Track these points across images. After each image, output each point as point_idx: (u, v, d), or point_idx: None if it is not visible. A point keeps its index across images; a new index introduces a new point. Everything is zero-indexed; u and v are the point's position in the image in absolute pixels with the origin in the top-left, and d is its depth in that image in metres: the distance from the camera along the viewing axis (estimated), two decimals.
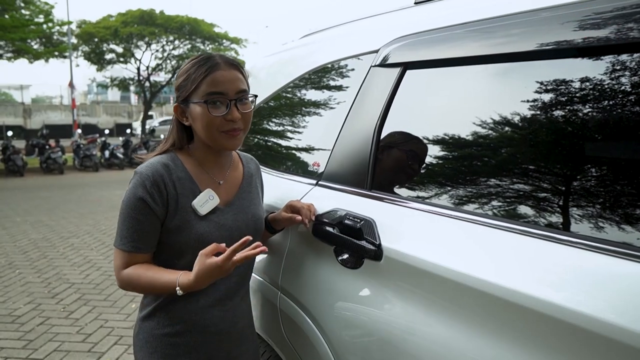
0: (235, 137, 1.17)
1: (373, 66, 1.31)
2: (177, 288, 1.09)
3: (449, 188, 1.05)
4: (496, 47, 1.00)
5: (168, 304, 1.20)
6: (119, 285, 1.19)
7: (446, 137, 1.08)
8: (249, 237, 1.07)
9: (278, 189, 1.54)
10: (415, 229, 1.06)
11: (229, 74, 1.15)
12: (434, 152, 1.10)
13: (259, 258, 1.51)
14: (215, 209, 1.20)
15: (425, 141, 1.14)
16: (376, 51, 1.32)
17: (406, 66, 1.21)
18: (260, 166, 1.44)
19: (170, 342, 1.20)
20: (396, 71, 1.22)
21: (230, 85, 1.15)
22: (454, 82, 1.12)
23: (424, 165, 1.13)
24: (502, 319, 0.84)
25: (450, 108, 1.12)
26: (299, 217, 1.24)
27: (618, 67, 0.81)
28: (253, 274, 1.49)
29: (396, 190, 1.19)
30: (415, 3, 1.33)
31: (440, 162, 1.09)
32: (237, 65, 1.19)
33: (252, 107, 1.21)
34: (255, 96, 1.23)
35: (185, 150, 1.24)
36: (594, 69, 0.84)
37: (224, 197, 1.24)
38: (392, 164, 1.23)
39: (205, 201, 1.19)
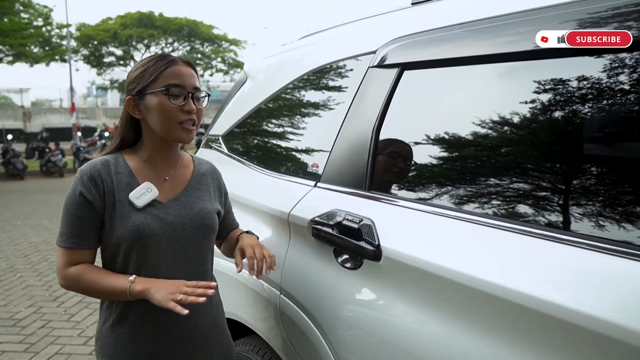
0: (190, 131, 1.20)
1: (371, 67, 1.31)
2: (129, 296, 1.12)
3: (447, 188, 1.05)
4: (493, 47, 1.01)
5: (126, 313, 1.20)
6: (61, 284, 1.19)
7: (444, 137, 1.08)
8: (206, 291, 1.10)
9: (277, 191, 1.55)
10: (414, 229, 1.06)
11: (186, 70, 1.21)
12: (432, 152, 1.11)
13: None
14: (156, 203, 1.20)
15: (423, 141, 1.14)
16: (374, 52, 1.32)
17: (404, 67, 1.21)
18: (260, 167, 1.44)
19: (127, 352, 1.20)
20: (394, 72, 1.23)
21: (187, 80, 1.19)
22: (451, 82, 1.13)
23: (422, 165, 1.13)
24: (502, 319, 0.84)
25: (448, 108, 1.13)
26: (240, 268, 1.26)
27: (617, 66, 0.82)
28: (254, 275, 1.49)
29: (395, 190, 1.19)
30: (413, 4, 1.33)
31: (438, 162, 1.09)
32: (192, 65, 1.24)
33: (205, 105, 1.26)
34: (209, 95, 1.27)
35: (131, 150, 1.27)
36: (595, 68, 0.84)
37: (169, 193, 1.25)
38: (390, 165, 1.23)
39: (142, 193, 1.19)
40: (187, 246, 1.23)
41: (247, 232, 1.43)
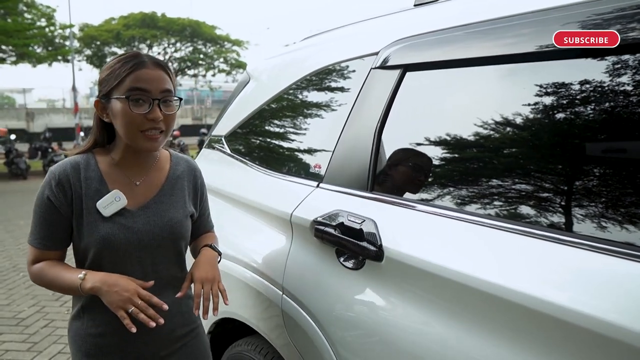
0: (154, 140, 1.14)
1: (373, 68, 1.32)
2: (80, 291, 1.11)
3: (449, 189, 1.06)
4: (496, 49, 1.01)
5: (92, 305, 1.20)
6: (31, 278, 1.21)
7: (446, 139, 1.09)
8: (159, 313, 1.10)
9: (280, 191, 1.55)
10: (415, 230, 1.07)
11: (155, 73, 1.13)
12: (434, 153, 1.11)
13: (260, 258, 1.52)
14: (124, 211, 1.17)
15: (425, 143, 1.14)
16: (376, 53, 1.32)
17: (406, 68, 1.22)
18: (262, 168, 1.43)
19: (94, 342, 1.21)
20: (396, 73, 1.23)
21: (154, 84, 1.12)
22: (453, 83, 1.13)
23: (425, 166, 1.14)
24: (503, 320, 0.84)
25: (450, 110, 1.13)
26: (180, 294, 1.21)
27: (619, 67, 0.82)
28: (255, 275, 1.50)
29: (397, 191, 1.20)
30: (415, 5, 1.34)
31: (440, 163, 1.10)
32: (163, 66, 1.17)
33: (177, 110, 1.18)
34: (181, 99, 1.20)
35: (105, 150, 1.23)
36: (597, 69, 0.85)
37: (139, 200, 1.21)
38: (392, 166, 1.23)
39: (110, 202, 1.16)
40: (156, 254, 1.22)
41: (210, 246, 1.33)
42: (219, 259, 1.32)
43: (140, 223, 1.19)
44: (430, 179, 1.13)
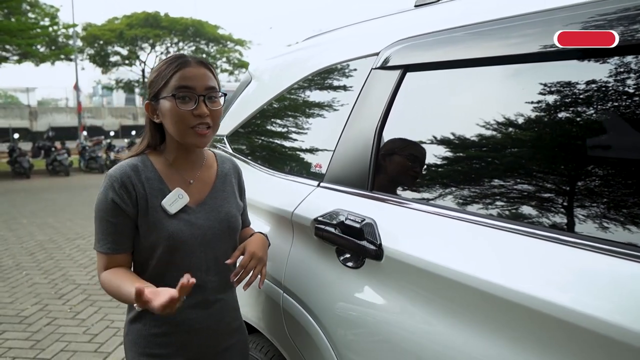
0: (204, 136, 1.18)
1: (374, 68, 1.33)
2: (135, 305, 1.00)
3: (448, 189, 1.06)
4: (496, 50, 1.01)
5: None
6: (102, 287, 1.19)
7: (446, 139, 1.09)
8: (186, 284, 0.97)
9: (281, 190, 1.56)
10: (415, 229, 1.08)
11: (198, 71, 1.18)
12: (434, 153, 1.12)
13: None
14: (186, 208, 1.21)
15: (425, 143, 1.15)
16: (377, 54, 1.33)
17: (406, 68, 1.22)
18: (264, 167, 1.45)
19: (157, 342, 1.22)
20: (396, 73, 1.24)
21: (199, 81, 1.17)
22: (453, 84, 1.14)
23: (424, 166, 1.15)
24: (505, 320, 0.84)
25: (451, 110, 1.14)
26: (230, 261, 1.24)
27: (622, 69, 0.82)
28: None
29: (397, 191, 1.20)
30: (416, 6, 1.34)
31: (440, 163, 1.10)
32: (207, 64, 1.22)
33: (222, 105, 1.23)
34: (225, 94, 1.25)
35: (158, 151, 1.27)
36: (597, 70, 0.85)
37: (196, 197, 1.25)
38: (392, 165, 1.24)
39: (175, 200, 1.20)
40: (216, 248, 1.25)
41: (262, 233, 1.39)
42: (268, 246, 1.36)
43: (202, 219, 1.23)
44: (430, 179, 1.14)
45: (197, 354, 1.26)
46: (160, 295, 0.95)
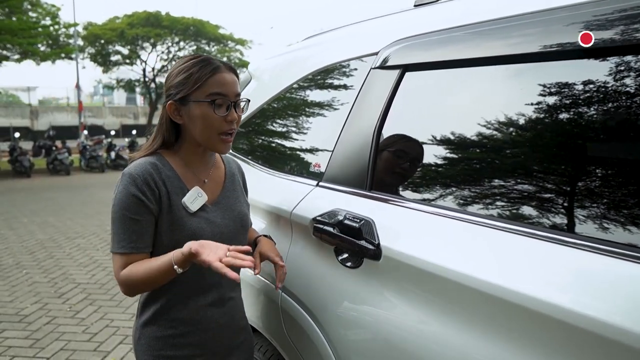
0: (228, 142, 1.21)
1: (373, 68, 1.33)
2: (175, 266, 1.06)
3: (447, 189, 1.06)
4: (495, 50, 1.01)
5: (168, 307, 1.22)
6: (123, 290, 1.16)
7: (445, 139, 1.09)
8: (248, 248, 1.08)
9: (280, 190, 1.56)
10: (413, 229, 1.07)
11: (230, 77, 1.20)
12: (432, 153, 1.11)
13: None
14: (204, 206, 1.23)
15: (424, 142, 1.15)
16: (376, 53, 1.33)
17: (405, 68, 1.22)
18: (264, 166, 1.45)
19: (173, 344, 1.22)
20: (395, 73, 1.24)
21: (231, 88, 1.19)
22: (452, 84, 1.14)
23: (423, 166, 1.14)
24: (504, 320, 0.84)
25: (449, 110, 1.13)
26: (257, 271, 1.23)
27: (622, 68, 0.81)
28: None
29: (395, 190, 1.20)
30: (415, 5, 1.34)
31: (438, 163, 1.10)
32: (235, 70, 1.23)
33: (245, 111, 1.26)
34: (248, 100, 1.27)
35: (171, 150, 1.26)
36: (598, 70, 0.84)
37: (210, 196, 1.26)
38: (391, 165, 1.24)
39: (195, 198, 1.21)
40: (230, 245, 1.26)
41: (266, 236, 1.40)
42: None
43: (219, 217, 1.25)
44: (429, 179, 1.14)
45: (211, 353, 1.26)
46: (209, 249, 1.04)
